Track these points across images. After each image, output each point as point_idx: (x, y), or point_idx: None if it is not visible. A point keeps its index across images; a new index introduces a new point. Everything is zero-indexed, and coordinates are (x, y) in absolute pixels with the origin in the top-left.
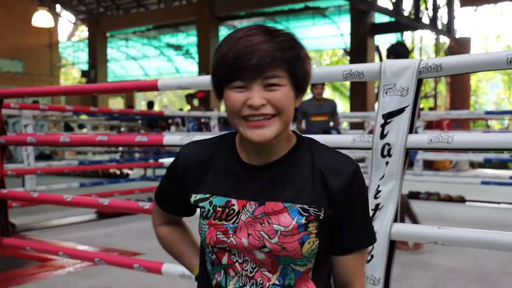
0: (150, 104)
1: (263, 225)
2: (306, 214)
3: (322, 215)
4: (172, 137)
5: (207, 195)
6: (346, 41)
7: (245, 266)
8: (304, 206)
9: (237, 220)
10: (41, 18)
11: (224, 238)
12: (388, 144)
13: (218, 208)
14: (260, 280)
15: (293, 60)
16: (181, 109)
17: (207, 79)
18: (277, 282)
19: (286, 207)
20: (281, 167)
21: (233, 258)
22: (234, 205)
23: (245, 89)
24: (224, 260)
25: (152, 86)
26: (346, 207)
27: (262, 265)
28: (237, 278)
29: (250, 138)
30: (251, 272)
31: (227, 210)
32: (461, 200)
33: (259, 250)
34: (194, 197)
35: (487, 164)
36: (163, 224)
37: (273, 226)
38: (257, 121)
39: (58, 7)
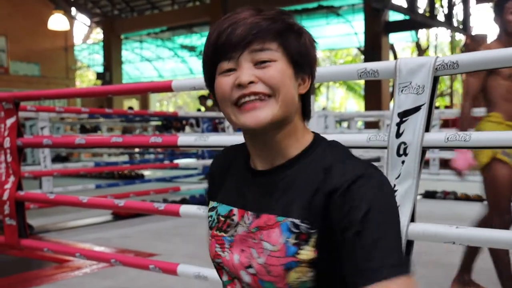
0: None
1: (255, 240)
2: (296, 231)
3: (315, 234)
4: (187, 138)
5: (217, 204)
6: (360, 40)
7: (242, 283)
8: (295, 220)
9: (234, 233)
10: (56, 21)
11: (220, 251)
12: (404, 143)
13: (221, 218)
14: None
15: (283, 30)
16: (199, 110)
17: None
18: None
19: (279, 222)
20: (284, 172)
21: (230, 275)
22: (234, 215)
23: (233, 71)
24: (224, 277)
25: (166, 87)
26: (345, 216)
27: None
28: None
29: (243, 125)
30: None
31: (228, 221)
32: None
33: (245, 270)
34: (210, 205)
35: None
36: None
37: (262, 243)
38: (249, 102)
39: (73, 10)
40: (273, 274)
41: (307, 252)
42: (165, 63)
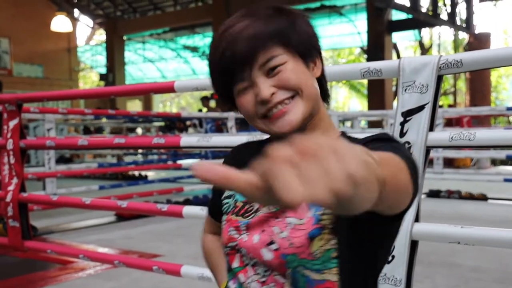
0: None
1: (278, 219)
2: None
3: None
4: (189, 139)
5: (234, 192)
6: (363, 39)
7: (256, 269)
8: None
9: (253, 217)
10: (59, 23)
11: (235, 234)
12: (408, 143)
13: (238, 203)
14: (273, 286)
15: (281, 31)
16: (200, 110)
17: None
18: None
19: None
20: None
21: (244, 261)
22: None
23: (250, 87)
24: (235, 263)
25: (168, 88)
26: None
27: (272, 267)
28: (247, 285)
29: (279, 132)
30: (263, 277)
31: (247, 206)
32: (483, 198)
33: (266, 247)
34: (225, 194)
35: (510, 161)
36: (209, 232)
37: (286, 219)
38: (276, 112)
39: (76, 11)
40: (296, 245)
41: (329, 219)
42: (168, 64)
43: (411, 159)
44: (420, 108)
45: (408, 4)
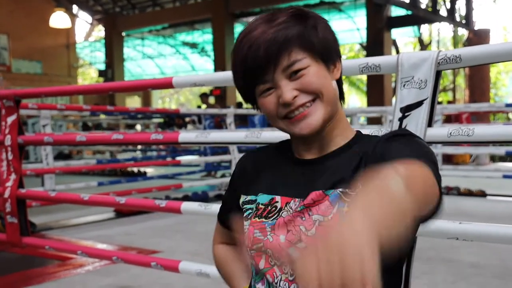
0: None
1: (303, 218)
2: (349, 200)
3: None
4: (188, 135)
5: (256, 196)
6: (362, 36)
7: (284, 269)
8: (346, 190)
9: (277, 217)
10: (58, 19)
11: (260, 236)
12: None
13: (260, 206)
14: None
15: (302, 36)
16: (199, 107)
17: (221, 75)
18: None
19: (327, 195)
20: (331, 160)
21: (270, 261)
22: (277, 202)
23: (273, 89)
24: (262, 264)
25: (167, 84)
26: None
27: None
28: (276, 285)
29: (299, 134)
30: (292, 275)
31: (269, 208)
32: (482, 194)
33: (294, 246)
34: (243, 198)
35: (509, 157)
36: (221, 243)
37: (312, 217)
38: (297, 114)
39: (74, 7)
40: None
41: None
42: (167, 60)
43: (435, 162)
44: (419, 104)
45: (407, 0)
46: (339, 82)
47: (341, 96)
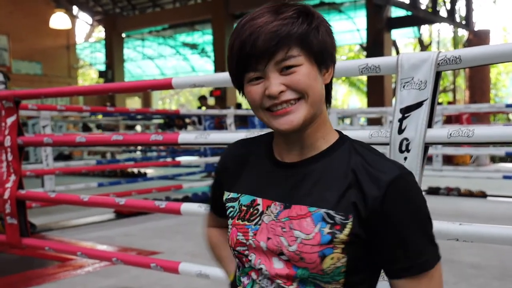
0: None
1: (284, 229)
2: (331, 222)
3: (349, 225)
4: (187, 136)
5: (238, 195)
6: (362, 36)
7: (259, 277)
8: (330, 211)
9: (259, 222)
10: (58, 20)
11: (243, 239)
12: (407, 139)
13: (243, 207)
14: (282, 284)
15: (304, 35)
16: (199, 107)
17: (221, 76)
18: None
19: (310, 212)
20: (313, 165)
21: (253, 264)
22: (259, 204)
23: (262, 79)
24: (246, 264)
25: (166, 85)
26: (383, 223)
27: (276, 277)
28: (260, 283)
29: (278, 129)
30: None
31: (251, 210)
32: (482, 195)
33: (277, 256)
34: (226, 195)
35: (509, 158)
36: (212, 226)
37: (293, 232)
38: (280, 109)
39: (75, 8)
40: (307, 261)
41: (341, 240)
42: (167, 61)
43: (433, 236)
44: (419, 105)
45: (407, 1)
46: (329, 86)
47: (328, 100)
